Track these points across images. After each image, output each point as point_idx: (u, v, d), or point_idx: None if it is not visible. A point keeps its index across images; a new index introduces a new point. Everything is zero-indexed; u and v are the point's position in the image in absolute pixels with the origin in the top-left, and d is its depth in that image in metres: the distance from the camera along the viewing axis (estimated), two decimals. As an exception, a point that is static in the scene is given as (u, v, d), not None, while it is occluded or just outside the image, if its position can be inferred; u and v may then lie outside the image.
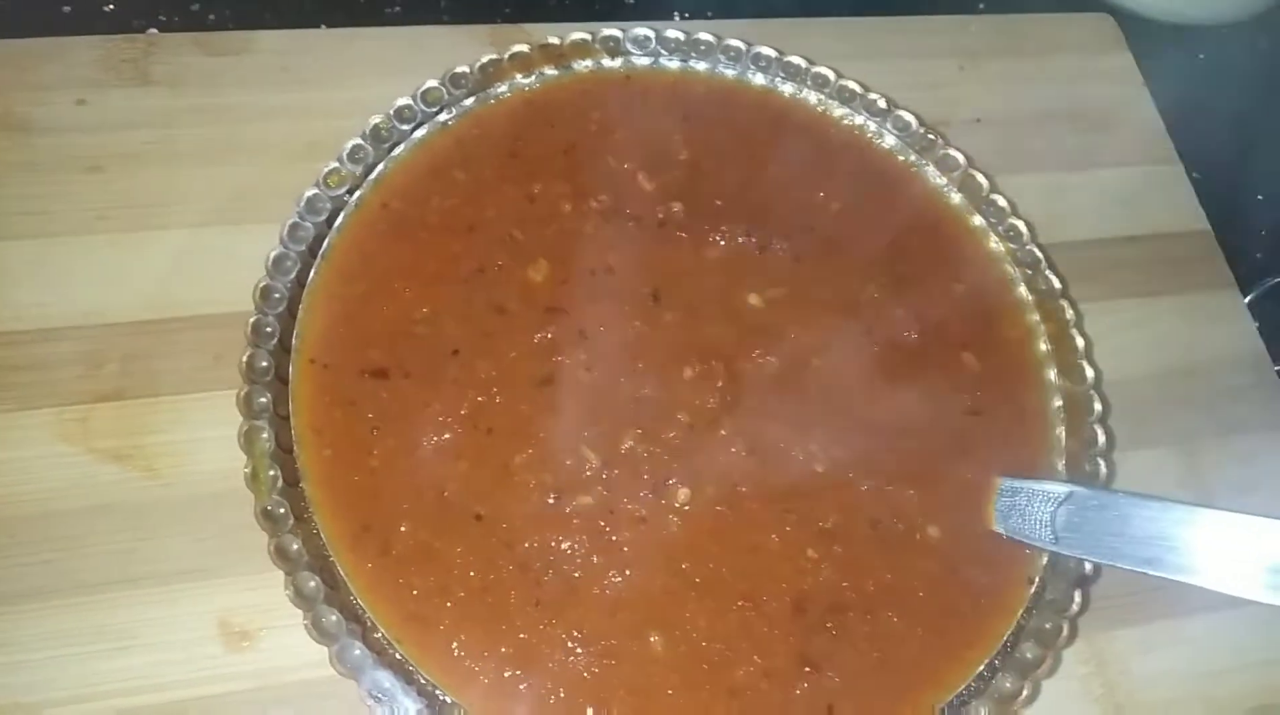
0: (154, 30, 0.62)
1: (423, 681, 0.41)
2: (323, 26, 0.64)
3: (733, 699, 0.42)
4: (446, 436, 0.46)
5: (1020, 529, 0.45)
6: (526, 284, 0.50)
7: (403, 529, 0.44)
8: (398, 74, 0.55)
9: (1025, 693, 0.44)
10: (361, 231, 0.50)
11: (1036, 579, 0.46)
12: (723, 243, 0.52)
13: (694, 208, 0.53)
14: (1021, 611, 0.46)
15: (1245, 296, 0.65)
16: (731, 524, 0.45)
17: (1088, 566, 0.46)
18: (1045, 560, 0.47)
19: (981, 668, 0.44)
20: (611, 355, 0.48)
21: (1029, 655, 0.44)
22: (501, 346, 0.48)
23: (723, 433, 0.47)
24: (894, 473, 0.47)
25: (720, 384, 0.48)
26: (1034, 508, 0.45)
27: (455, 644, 0.42)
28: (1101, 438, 0.50)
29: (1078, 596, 0.46)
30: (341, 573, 0.42)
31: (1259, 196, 0.73)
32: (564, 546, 0.44)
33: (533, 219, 0.52)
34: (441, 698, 0.41)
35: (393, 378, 0.47)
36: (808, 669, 0.43)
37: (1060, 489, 0.45)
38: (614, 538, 0.44)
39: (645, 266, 0.51)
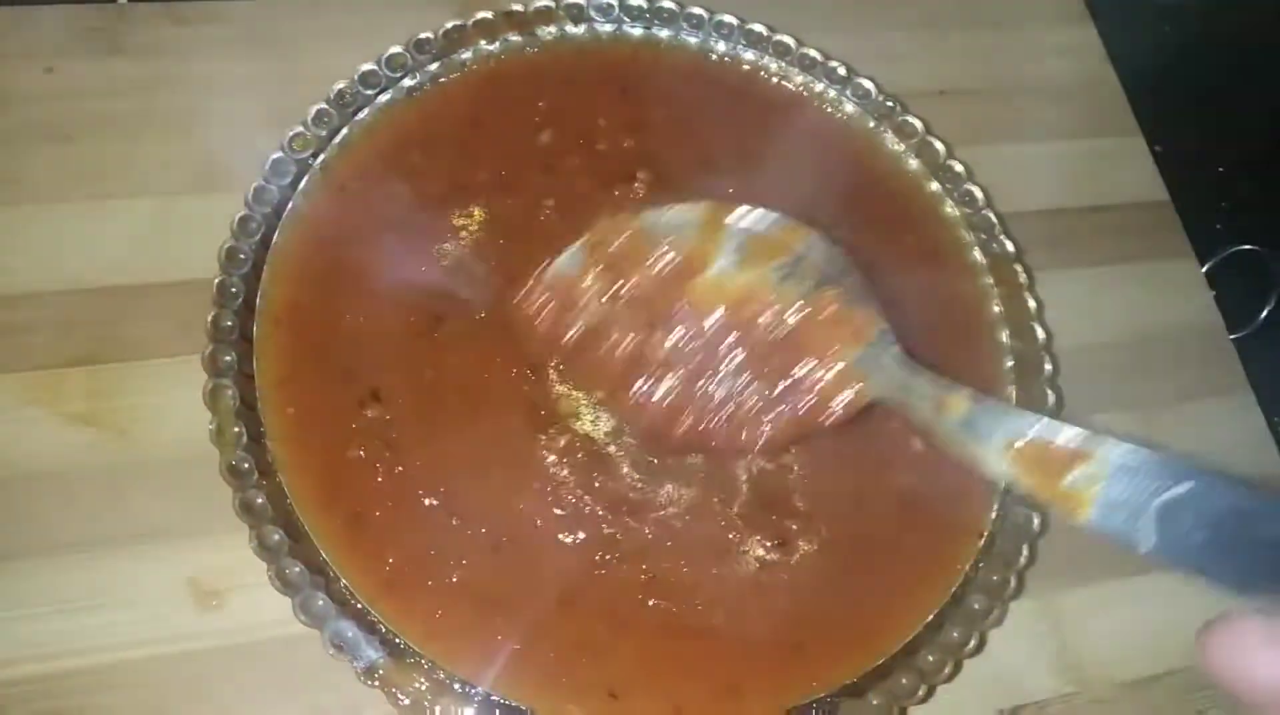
0: (123, -1, 0.62)
1: (384, 631, 0.42)
2: (292, -4, 0.64)
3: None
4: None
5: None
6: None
7: None
8: (366, 42, 0.55)
9: (972, 643, 0.45)
10: (324, 201, 0.51)
11: (985, 533, 0.48)
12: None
13: (656, 176, 0.54)
14: (969, 565, 0.47)
15: (1203, 266, 0.66)
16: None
17: (1035, 522, 0.47)
18: (995, 515, 0.48)
19: (930, 617, 0.46)
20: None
21: (976, 606, 0.46)
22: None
23: None
24: None
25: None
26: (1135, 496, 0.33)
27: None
28: (1051, 398, 0.51)
29: (1025, 550, 0.47)
30: (306, 527, 0.43)
31: (1219, 168, 0.74)
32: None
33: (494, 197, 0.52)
34: (403, 646, 0.42)
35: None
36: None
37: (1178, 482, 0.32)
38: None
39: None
